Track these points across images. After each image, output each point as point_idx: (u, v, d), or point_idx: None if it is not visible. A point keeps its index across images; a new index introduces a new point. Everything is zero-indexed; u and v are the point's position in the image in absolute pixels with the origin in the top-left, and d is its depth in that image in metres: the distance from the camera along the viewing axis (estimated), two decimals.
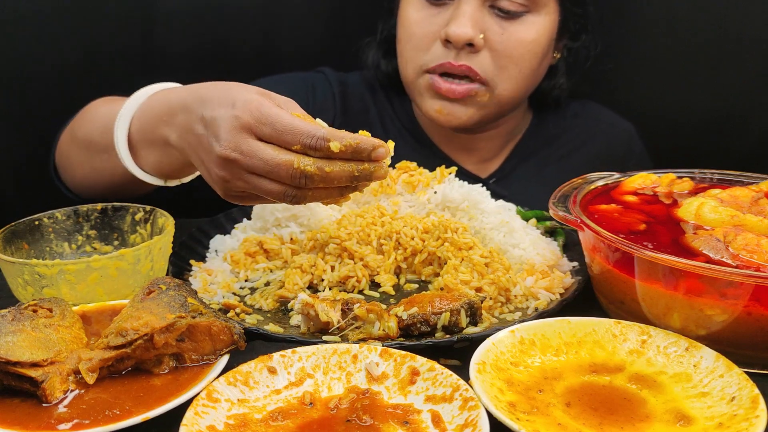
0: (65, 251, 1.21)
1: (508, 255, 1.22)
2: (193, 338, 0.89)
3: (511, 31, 1.47)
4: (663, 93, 1.85)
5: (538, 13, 1.49)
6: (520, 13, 1.47)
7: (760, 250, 0.96)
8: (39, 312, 0.92)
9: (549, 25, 1.51)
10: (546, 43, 1.52)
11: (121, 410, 0.80)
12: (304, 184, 0.97)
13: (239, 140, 0.98)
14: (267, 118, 0.97)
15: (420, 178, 1.34)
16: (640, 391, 0.87)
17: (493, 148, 1.72)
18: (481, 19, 1.45)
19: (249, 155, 0.97)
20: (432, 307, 1.00)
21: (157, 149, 1.18)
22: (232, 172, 1.00)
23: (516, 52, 1.48)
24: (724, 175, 1.28)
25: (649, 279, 0.98)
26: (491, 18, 1.46)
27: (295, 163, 0.95)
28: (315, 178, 0.96)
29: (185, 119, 1.08)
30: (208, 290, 1.15)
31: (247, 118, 0.97)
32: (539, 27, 1.49)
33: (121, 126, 1.20)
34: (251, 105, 0.98)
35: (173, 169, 1.21)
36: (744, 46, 1.76)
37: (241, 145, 0.97)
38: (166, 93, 1.19)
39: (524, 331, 0.95)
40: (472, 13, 1.44)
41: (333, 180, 0.97)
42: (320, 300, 1.01)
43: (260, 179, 0.99)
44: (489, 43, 1.47)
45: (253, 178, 0.99)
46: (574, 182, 1.23)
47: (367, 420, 0.81)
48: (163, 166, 1.21)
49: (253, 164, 0.97)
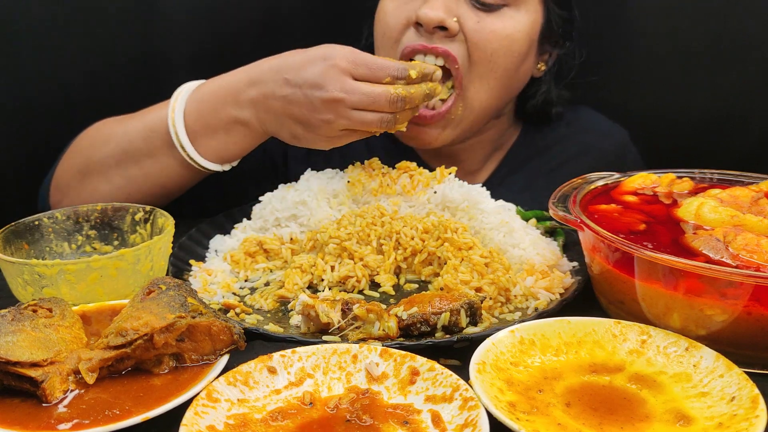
0: (65, 251, 1.21)
1: (508, 255, 1.22)
2: (193, 338, 0.89)
3: (487, 22, 1.40)
4: (662, 93, 1.84)
5: (518, 9, 1.43)
6: (497, 6, 1.41)
7: (760, 250, 0.96)
8: (39, 312, 0.92)
9: (528, 23, 1.44)
10: (524, 42, 1.45)
11: (121, 410, 0.80)
12: (400, 107, 1.19)
13: (342, 82, 1.17)
14: (361, 60, 1.18)
15: (420, 178, 1.34)
16: (640, 391, 0.87)
17: (478, 158, 1.67)
18: (455, 6, 1.39)
19: (352, 92, 1.17)
20: (432, 307, 1.00)
21: (220, 133, 1.31)
22: (338, 112, 1.18)
23: (490, 46, 1.41)
24: (724, 175, 1.28)
25: (649, 279, 0.98)
26: (467, 6, 1.40)
27: (391, 90, 1.18)
28: (407, 99, 1.19)
29: (259, 91, 1.25)
30: (208, 290, 1.16)
31: (345, 64, 1.17)
32: (517, 22, 1.43)
33: (178, 121, 1.30)
34: (344, 52, 1.19)
35: (240, 148, 1.33)
36: (744, 47, 1.76)
37: (345, 85, 1.17)
38: (216, 80, 1.33)
39: (524, 331, 0.95)
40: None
41: (415, 99, 1.20)
42: (320, 300, 1.01)
43: (362, 113, 1.18)
44: (464, 31, 1.40)
45: (356, 113, 1.18)
46: (574, 182, 1.23)
47: (367, 420, 0.81)
48: (228, 148, 1.32)
49: (357, 100, 1.17)
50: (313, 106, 1.19)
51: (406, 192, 1.32)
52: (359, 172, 1.35)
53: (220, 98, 1.30)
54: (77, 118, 1.57)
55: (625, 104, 1.83)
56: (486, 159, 1.69)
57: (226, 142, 1.32)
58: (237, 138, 1.31)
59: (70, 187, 1.44)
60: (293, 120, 1.23)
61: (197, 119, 1.31)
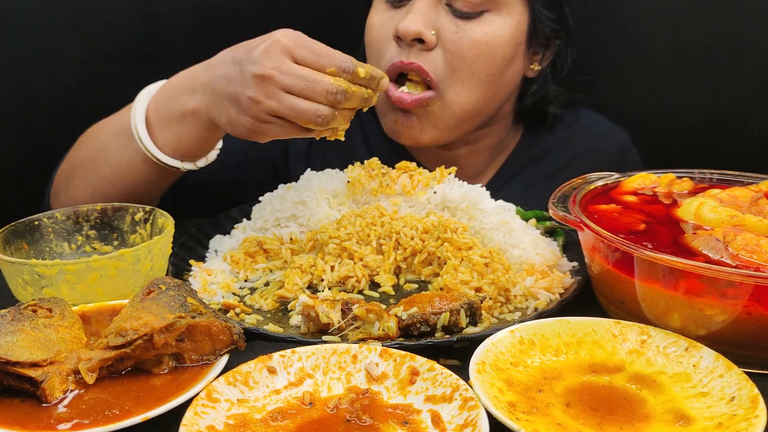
0: (65, 251, 1.21)
1: (508, 255, 1.22)
2: (193, 338, 0.89)
3: (466, 29, 1.39)
4: (662, 93, 1.84)
5: (499, 13, 1.41)
6: (477, 13, 1.40)
7: (759, 250, 0.96)
8: (39, 312, 0.92)
9: (512, 26, 1.43)
10: (508, 47, 1.43)
11: (120, 410, 0.80)
12: (338, 101, 1.07)
13: (278, 60, 1.07)
14: (305, 42, 1.09)
15: (420, 178, 1.34)
16: (640, 391, 0.87)
17: (477, 164, 1.66)
18: (434, 16, 1.39)
19: (287, 73, 1.07)
20: (432, 307, 1.00)
21: (174, 124, 1.25)
22: (267, 91, 1.08)
23: (470, 53, 1.40)
24: (724, 175, 1.28)
25: (649, 279, 0.98)
26: (446, 16, 1.40)
27: (331, 79, 1.07)
28: (347, 94, 1.07)
29: (210, 74, 1.18)
30: (208, 290, 1.16)
31: (286, 41, 1.08)
32: (497, 27, 1.41)
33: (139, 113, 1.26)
34: (289, 32, 1.10)
35: (191, 140, 1.26)
36: (743, 47, 1.76)
37: (280, 64, 1.07)
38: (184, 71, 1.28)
39: (524, 331, 0.95)
40: (425, 9, 1.38)
41: (354, 99, 1.10)
42: (320, 301, 1.01)
43: (294, 98, 1.07)
44: (442, 42, 1.40)
45: (288, 97, 1.07)
46: (574, 182, 1.23)
47: (367, 420, 0.81)
48: (181, 139, 1.26)
49: (290, 82, 1.07)
50: (245, 81, 1.10)
51: (406, 192, 1.32)
52: (359, 172, 1.35)
53: (177, 88, 1.26)
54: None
55: (625, 105, 1.83)
56: (486, 164, 1.68)
57: (179, 134, 1.26)
58: (188, 128, 1.24)
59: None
60: (229, 100, 1.14)
61: (156, 111, 1.27)
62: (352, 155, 1.55)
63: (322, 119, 1.08)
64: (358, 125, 1.67)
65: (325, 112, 1.08)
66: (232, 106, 1.13)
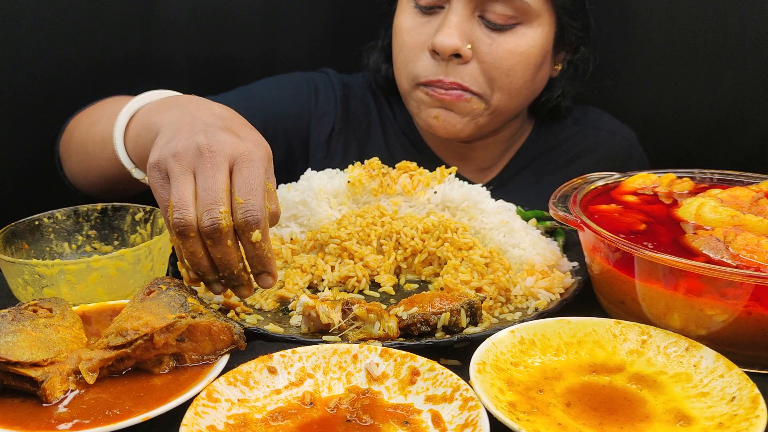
0: (65, 251, 1.21)
1: (508, 255, 1.22)
2: (193, 338, 0.89)
3: (500, 41, 1.43)
4: (663, 94, 1.85)
5: (530, 25, 1.45)
6: (510, 26, 1.43)
7: (760, 250, 0.96)
8: (39, 312, 0.92)
9: (542, 36, 1.47)
10: (539, 55, 1.48)
11: (121, 410, 0.80)
12: (217, 237, 0.92)
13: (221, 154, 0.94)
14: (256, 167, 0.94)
15: (420, 178, 1.34)
16: (640, 391, 0.87)
17: (491, 157, 1.70)
18: (469, 29, 1.42)
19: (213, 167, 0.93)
20: (432, 307, 1.00)
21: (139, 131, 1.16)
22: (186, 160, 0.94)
23: (506, 63, 1.44)
24: (724, 175, 1.28)
25: (649, 279, 0.98)
26: (480, 29, 1.43)
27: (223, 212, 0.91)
28: (223, 233, 0.91)
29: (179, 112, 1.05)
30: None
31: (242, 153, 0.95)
32: (530, 39, 1.45)
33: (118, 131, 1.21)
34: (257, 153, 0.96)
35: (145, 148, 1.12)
36: (744, 47, 1.76)
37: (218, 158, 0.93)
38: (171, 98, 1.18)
39: (524, 331, 0.95)
40: (460, 23, 1.41)
41: (227, 253, 0.93)
42: (321, 301, 1.01)
43: (187, 188, 0.93)
44: (477, 55, 1.44)
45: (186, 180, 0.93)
46: (574, 182, 1.23)
47: (367, 420, 0.81)
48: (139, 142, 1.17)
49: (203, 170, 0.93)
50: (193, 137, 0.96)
51: (406, 192, 1.32)
52: (359, 172, 1.35)
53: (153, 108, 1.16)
54: None
55: (626, 105, 1.83)
56: (499, 157, 1.72)
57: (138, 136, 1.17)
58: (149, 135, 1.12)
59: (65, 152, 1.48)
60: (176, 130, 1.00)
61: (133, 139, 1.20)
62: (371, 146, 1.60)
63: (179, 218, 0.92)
64: (375, 116, 1.71)
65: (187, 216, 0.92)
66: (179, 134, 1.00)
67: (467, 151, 1.67)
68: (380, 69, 1.69)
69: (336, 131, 1.68)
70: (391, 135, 1.70)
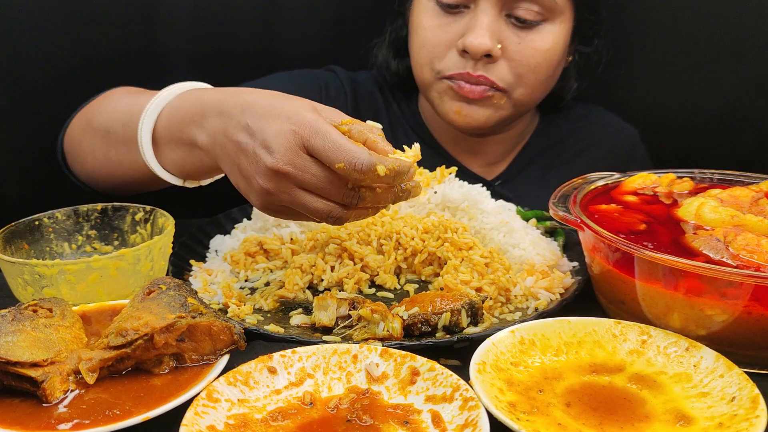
0: (65, 251, 1.21)
1: (508, 255, 1.22)
2: (193, 338, 0.89)
3: (527, 40, 1.45)
4: (663, 93, 1.85)
5: (554, 22, 1.47)
6: (537, 23, 1.45)
7: (760, 250, 0.96)
8: (39, 312, 0.92)
9: (564, 32, 1.50)
10: (562, 50, 1.52)
11: (121, 410, 0.80)
12: (354, 203, 0.99)
13: (294, 155, 0.98)
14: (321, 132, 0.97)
15: (420, 178, 1.34)
16: (640, 391, 0.87)
17: (500, 152, 1.72)
18: (498, 29, 1.44)
19: (302, 170, 0.98)
20: (433, 307, 1.00)
21: (182, 148, 1.17)
22: (280, 186, 1.00)
23: (533, 61, 1.47)
24: (724, 175, 1.28)
25: (649, 279, 0.98)
26: (508, 28, 1.45)
27: (350, 182, 0.98)
28: (365, 196, 0.98)
29: (221, 123, 1.07)
30: (208, 290, 1.15)
31: (303, 132, 0.97)
32: (555, 35, 1.48)
33: (146, 121, 1.19)
34: (309, 119, 0.98)
35: (196, 170, 1.19)
36: (744, 47, 1.76)
37: (296, 159, 0.98)
38: (199, 93, 1.17)
39: (524, 331, 0.95)
40: (490, 23, 1.42)
41: (380, 200, 1.00)
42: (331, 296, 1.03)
43: (308, 195, 1.00)
44: (506, 53, 1.46)
45: (301, 194, 1.00)
46: (574, 182, 1.23)
47: (367, 420, 0.81)
48: (186, 166, 1.19)
49: (305, 179, 0.98)
50: (258, 167, 1.01)
51: None
52: None
53: (191, 114, 1.15)
54: None
55: (626, 104, 1.83)
56: (508, 152, 1.73)
57: (184, 159, 1.18)
58: (195, 159, 1.16)
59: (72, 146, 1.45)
60: (239, 171, 1.05)
61: (165, 126, 1.19)
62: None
63: (335, 220, 1.02)
64: (383, 109, 1.72)
65: (337, 213, 1.02)
66: (241, 179, 1.06)
67: (477, 146, 1.68)
68: (389, 65, 1.69)
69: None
70: (400, 131, 1.70)
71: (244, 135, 1.03)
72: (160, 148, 1.20)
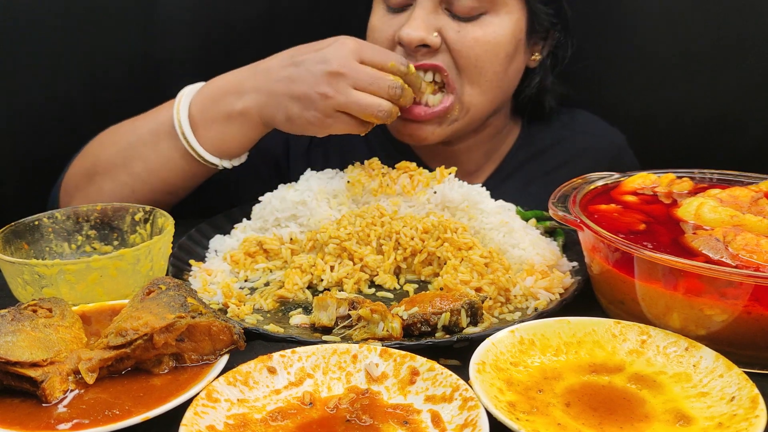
0: (65, 251, 1.21)
1: (508, 255, 1.22)
2: (193, 338, 0.89)
3: (468, 30, 1.42)
4: (662, 93, 1.84)
5: (497, 14, 1.43)
6: (476, 16, 1.42)
7: (759, 250, 0.96)
8: (39, 312, 0.92)
9: (511, 25, 1.45)
10: (509, 44, 1.45)
11: (121, 410, 0.80)
12: (397, 96, 1.26)
13: (347, 59, 1.24)
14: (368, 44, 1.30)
15: (420, 178, 1.34)
16: (640, 391, 0.87)
17: (475, 159, 1.67)
18: (435, 20, 1.41)
19: (357, 70, 1.24)
20: (432, 307, 1.01)
21: (220, 123, 1.34)
22: (338, 87, 1.23)
23: (473, 52, 1.42)
24: (724, 175, 1.28)
25: (649, 279, 0.98)
26: (447, 19, 1.42)
27: (391, 77, 1.26)
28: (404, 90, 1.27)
29: (263, 77, 1.31)
30: (208, 290, 1.16)
31: (353, 44, 1.26)
32: (497, 27, 1.43)
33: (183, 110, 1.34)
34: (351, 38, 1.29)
35: (237, 140, 1.36)
36: (743, 47, 1.76)
37: (350, 62, 1.24)
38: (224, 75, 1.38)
39: (524, 331, 0.95)
40: (425, 16, 1.40)
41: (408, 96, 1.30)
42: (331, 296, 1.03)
43: (361, 94, 1.24)
44: (447, 43, 1.42)
45: (355, 93, 1.23)
46: (574, 182, 1.23)
47: (367, 420, 0.81)
48: (225, 138, 1.35)
49: (359, 78, 1.23)
50: (315, 79, 1.24)
51: (406, 192, 1.32)
52: (359, 172, 1.35)
53: (224, 90, 1.35)
54: (77, 119, 1.57)
55: (625, 104, 1.83)
56: (485, 160, 1.69)
57: (224, 133, 1.35)
58: (234, 129, 1.34)
59: (78, 189, 1.46)
60: (292, 98, 1.27)
61: (201, 110, 1.35)
62: (352, 151, 1.59)
63: (384, 113, 1.25)
64: None
65: (386, 107, 1.25)
66: (296, 104, 1.26)
67: (452, 155, 1.63)
68: None
69: (315, 143, 1.67)
70: (375, 143, 1.67)
71: (292, 68, 1.28)
72: (197, 132, 1.35)
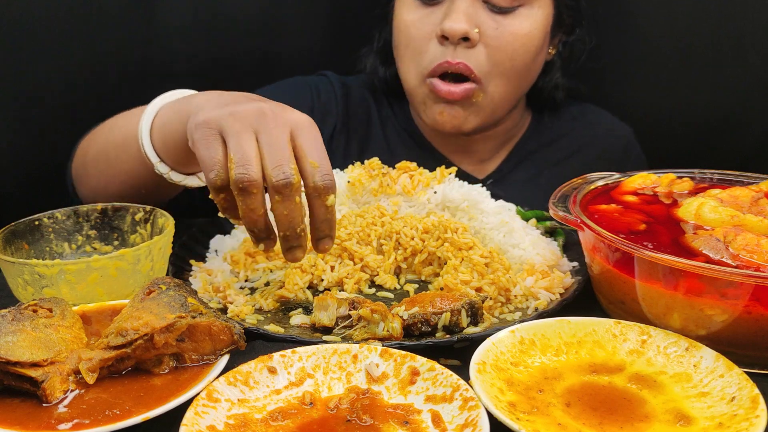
0: (65, 251, 1.21)
1: (508, 255, 1.22)
2: (193, 338, 0.89)
3: (505, 24, 1.47)
4: (663, 93, 1.85)
5: (531, 6, 1.49)
6: (513, 8, 1.48)
7: (760, 250, 0.96)
8: (39, 312, 0.92)
9: (542, 18, 1.52)
10: (540, 37, 1.53)
11: (121, 410, 0.80)
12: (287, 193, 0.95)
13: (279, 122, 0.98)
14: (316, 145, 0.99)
15: (420, 178, 1.34)
16: (640, 391, 0.87)
17: (490, 149, 1.73)
18: (474, 14, 1.46)
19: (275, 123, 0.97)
20: (433, 307, 1.00)
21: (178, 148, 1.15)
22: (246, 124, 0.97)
23: (510, 47, 1.48)
24: (724, 175, 1.28)
25: (649, 279, 0.98)
26: (485, 13, 1.47)
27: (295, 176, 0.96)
28: (293, 189, 0.95)
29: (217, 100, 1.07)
30: (208, 290, 1.15)
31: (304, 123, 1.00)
32: (532, 20, 1.50)
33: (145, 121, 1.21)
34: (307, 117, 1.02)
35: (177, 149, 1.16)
36: (744, 47, 1.76)
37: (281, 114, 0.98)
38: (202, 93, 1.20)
39: (524, 331, 0.95)
40: (466, 8, 1.45)
41: (294, 210, 0.96)
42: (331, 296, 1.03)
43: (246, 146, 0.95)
44: (484, 39, 1.48)
45: (245, 139, 0.95)
46: (574, 182, 1.23)
47: (367, 420, 0.81)
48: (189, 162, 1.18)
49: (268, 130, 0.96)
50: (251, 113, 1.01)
51: (406, 192, 1.32)
52: (359, 172, 1.35)
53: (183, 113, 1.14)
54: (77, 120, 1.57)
55: (626, 104, 1.84)
56: (498, 149, 1.74)
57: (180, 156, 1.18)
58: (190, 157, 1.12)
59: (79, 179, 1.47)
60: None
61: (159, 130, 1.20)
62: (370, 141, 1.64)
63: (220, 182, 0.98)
64: (375, 111, 1.73)
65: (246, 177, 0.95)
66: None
67: (468, 144, 1.69)
68: (377, 71, 1.71)
69: (338, 130, 1.70)
70: (392, 132, 1.72)
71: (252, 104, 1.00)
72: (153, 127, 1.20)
